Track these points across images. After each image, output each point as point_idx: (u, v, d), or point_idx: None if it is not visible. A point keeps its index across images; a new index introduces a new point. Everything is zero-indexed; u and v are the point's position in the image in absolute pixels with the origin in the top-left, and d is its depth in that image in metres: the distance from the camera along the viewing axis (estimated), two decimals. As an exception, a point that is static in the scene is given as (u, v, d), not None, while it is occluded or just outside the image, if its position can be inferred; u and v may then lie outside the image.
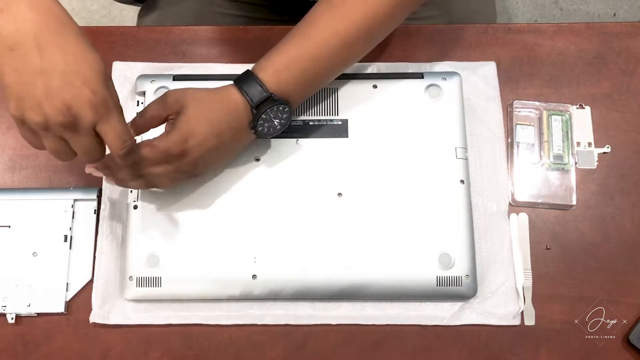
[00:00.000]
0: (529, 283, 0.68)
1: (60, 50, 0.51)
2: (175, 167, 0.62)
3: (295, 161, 0.69)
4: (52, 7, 0.51)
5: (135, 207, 0.68)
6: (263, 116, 0.62)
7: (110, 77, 0.55)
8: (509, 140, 0.74)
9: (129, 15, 1.60)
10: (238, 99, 0.62)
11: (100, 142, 0.55)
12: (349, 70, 0.75)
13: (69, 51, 0.51)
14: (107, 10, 1.61)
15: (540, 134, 0.73)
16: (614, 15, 1.61)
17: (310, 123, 0.71)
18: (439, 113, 0.71)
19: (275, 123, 0.64)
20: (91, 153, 0.55)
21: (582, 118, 0.74)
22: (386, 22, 0.65)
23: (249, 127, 0.63)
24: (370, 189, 0.68)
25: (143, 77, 0.73)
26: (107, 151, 0.57)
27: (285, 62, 0.62)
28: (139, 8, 0.96)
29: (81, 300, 0.68)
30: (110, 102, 0.53)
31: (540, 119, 0.73)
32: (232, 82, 0.63)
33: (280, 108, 0.63)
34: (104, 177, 0.65)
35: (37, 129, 0.53)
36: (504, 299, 0.68)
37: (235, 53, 0.77)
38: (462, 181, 0.69)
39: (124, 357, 0.67)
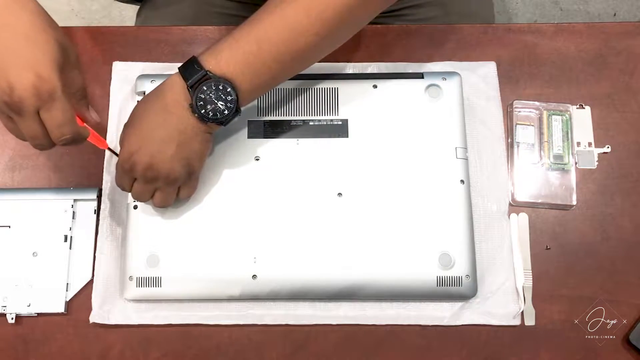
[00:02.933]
0: (529, 283, 0.68)
1: (10, 30, 0.50)
2: (141, 178, 0.63)
3: (295, 161, 0.69)
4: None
5: (135, 207, 0.68)
6: (201, 95, 0.60)
7: (72, 63, 0.55)
8: (509, 140, 0.74)
9: (129, 15, 1.60)
10: (177, 80, 0.61)
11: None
12: (349, 70, 0.75)
13: (18, 30, 0.51)
14: (107, 11, 1.61)
15: (540, 134, 0.73)
16: (614, 15, 1.61)
17: (310, 123, 0.71)
18: (439, 113, 0.71)
19: (220, 105, 0.60)
20: (34, 139, 0.56)
21: (582, 118, 0.74)
22: (344, 18, 0.60)
23: (192, 112, 0.61)
24: (370, 189, 0.68)
25: (143, 77, 0.73)
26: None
27: (228, 43, 0.60)
28: (138, 8, 0.96)
29: (81, 300, 0.69)
30: (57, 90, 0.53)
31: (540, 119, 0.73)
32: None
33: (221, 87, 0.60)
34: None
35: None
36: (504, 299, 0.68)
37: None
38: (462, 181, 0.69)
39: (124, 357, 0.67)
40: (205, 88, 0.60)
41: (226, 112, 0.61)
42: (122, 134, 0.63)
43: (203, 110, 0.60)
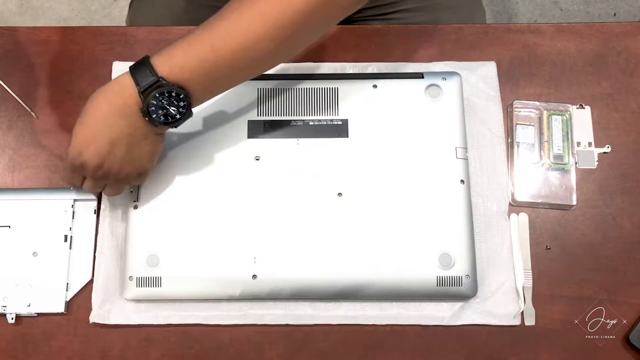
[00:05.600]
0: (529, 283, 0.68)
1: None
2: (91, 175, 0.63)
3: (295, 161, 0.69)
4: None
5: (135, 207, 0.68)
6: (153, 101, 0.59)
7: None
8: (509, 140, 0.74)
9: (129, 15, 1.60)
10: (128, 83, 0.60)
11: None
12: (349, 70, 0.75)
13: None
14: (107, 11, 1.61)
15: (541, 134, 0.73)
16: (614, 15, 1.61)
17: (310, 123, 0.71)
18: (439, 113, 0.71)
19: (172, 110, 0.60)
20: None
21: (582, 118, 0.74)
22: (300, 24, 0.59)
23: (142, 115, 0.60)
24: (370, 189, 0.68)
25: (143, 77, 0.73)
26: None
27: (182, 48, 0.60)
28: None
29: (81, 300, 0.68)
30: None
31: (540, 119, 0.73)
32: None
33: (174, 94, 0.59)
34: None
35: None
36: (504, 299, 0.68)
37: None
38: (462, 181, 0.69)
39: (124, 357, 0.67)
40: (157, 95, 0.59)
41: (177, 116, 0.61)
42: (75, 128, 0.62)
43: (154, 115, 0.60)
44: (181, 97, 0.60)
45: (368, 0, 0.64)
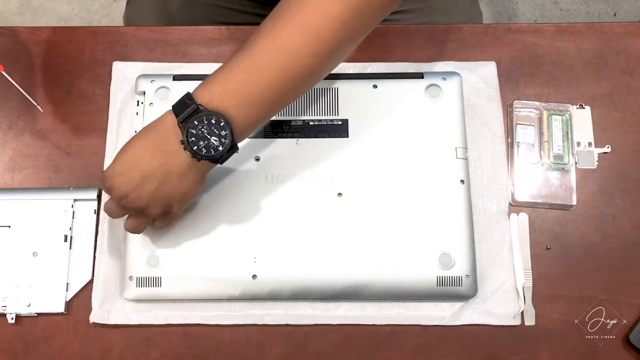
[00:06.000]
0: (529, 283, 0.68)
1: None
2: (116, 202, 0.62)
3: (295, 161, 0.69)
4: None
5: (135, 207, 0.68)
6: (192, 131, 0.57)
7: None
8: (509, 140, 0.74)
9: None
10: (168, 118, 0.59)
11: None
12: (349, 70, 0.75)
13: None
14: (107, 11, 1.61)
15: (541, 134, 0.73)
16: (614, 15, 1.61)
17: (310, 123, 0.71)
18: (439, 113, 0.71)
19: (213, 141, 0.57)
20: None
21: (582, 118, 0.74)
22: (340, 33, 0.57)
23: (183, 148, 0.58)
24: (370, 189, 0.68)
25: (143, 77, 0.73)
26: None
27: (222, 74, 0.58)
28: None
29: (81, 300, 0.68)
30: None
31: (540, 119, 0.73)
32: None
33: (214, 121, 0.57)
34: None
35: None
36: (504, 299, 0.68)
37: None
38: (462, 181, 0.69)
39: (124, 357, 0.67)
40: (196, 122, 0.57)
41: (220, 148, 0.58)
42: (117, 153, 0.61)
43: (195, 147, 0.58)
44: (222, 124, 0.57)
45: (403, 0, 0.62)
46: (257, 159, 0.70)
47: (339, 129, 0.71)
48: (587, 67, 0.76)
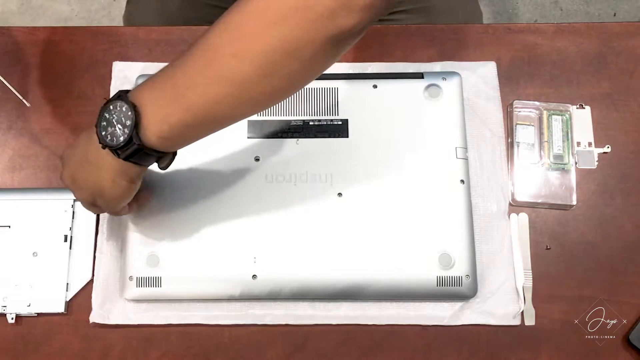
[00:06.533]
0: (529, 283, 0.68)
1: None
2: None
3: (295, 161, 0.69)
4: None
5: (135, 207, 0.68)
6: (105, 115, 0.55)
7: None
8: (509, 140, 0.74)
9: (129, 15, 1.60)
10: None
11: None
12: (349, 70, 0.75)
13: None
14: (107, 11, 1.61)
15: (541, 134, 0.73)
16: (614, 15, 1.61)
17: (310, 123, 0.71)
18: (439, 113, 0.71)
19: (117, 129, 0.54)
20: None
21: (582, 118, 0.74)
22: (267, 47, 0.50)
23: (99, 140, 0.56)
24: (370, 189, 0.68)
25: (143, 77, 0.73)
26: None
27: (160, 70, 0.55)
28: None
29: (81, 300, 0.68)
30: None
31: (540, 119, 0.73)
32: None
33: (124, 109, 0.53)
34: None
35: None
36: (504, 299, 0.68)
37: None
38: (462, 181, 0.69)
39: (124, 357, 0.67)
40: (111, 107, 0.55)
41: (121, 138, 0.54)
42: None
43: (104, 132, 0.55)
44: (129, 114, 0.53)
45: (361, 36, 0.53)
46: (257, 159, 0.70)
47: (339, 129, 0.71)
48: (587, 67, 0.76)
